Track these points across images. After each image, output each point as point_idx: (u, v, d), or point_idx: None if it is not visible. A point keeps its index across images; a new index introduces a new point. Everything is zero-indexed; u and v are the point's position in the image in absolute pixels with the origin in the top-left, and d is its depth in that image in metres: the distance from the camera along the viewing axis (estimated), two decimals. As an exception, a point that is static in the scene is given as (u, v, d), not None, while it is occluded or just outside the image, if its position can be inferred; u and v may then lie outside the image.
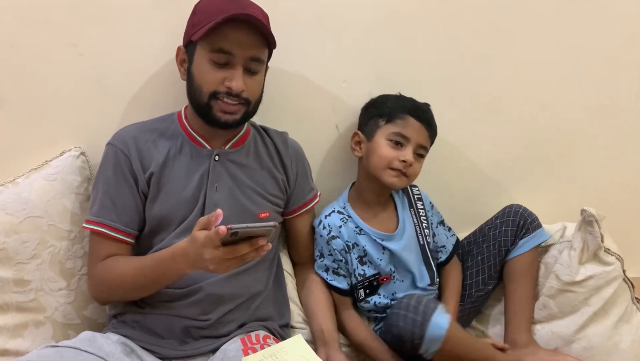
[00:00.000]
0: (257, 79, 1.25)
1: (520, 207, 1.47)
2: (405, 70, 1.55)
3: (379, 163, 1.38)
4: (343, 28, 1.48)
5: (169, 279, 1.17)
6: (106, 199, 1.24)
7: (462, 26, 1.55)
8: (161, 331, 1.23)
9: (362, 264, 1.42)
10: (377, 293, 1.43)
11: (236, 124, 1.25)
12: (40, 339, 1.26)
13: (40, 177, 1.33)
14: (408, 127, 1.38)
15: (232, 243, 0.98)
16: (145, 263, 1.19)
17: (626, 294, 1.42)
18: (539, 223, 1.46)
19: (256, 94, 1.27)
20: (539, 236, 1.45)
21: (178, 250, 1.08)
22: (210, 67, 1.20)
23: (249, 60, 1.21)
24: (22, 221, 1.27)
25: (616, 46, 1.65)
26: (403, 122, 1.38)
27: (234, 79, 1.19)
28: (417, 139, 1.38)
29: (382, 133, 1.39)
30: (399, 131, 1.38)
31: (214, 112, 1.22)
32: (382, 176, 1.39)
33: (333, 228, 1.42)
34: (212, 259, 0.99)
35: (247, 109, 1.25)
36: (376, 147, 1.39)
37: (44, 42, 1.33)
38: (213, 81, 1.20)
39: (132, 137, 1.27)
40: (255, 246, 0.98)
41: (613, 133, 1.72)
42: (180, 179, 1.26)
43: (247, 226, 0.95)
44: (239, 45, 1.19)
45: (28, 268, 1.26)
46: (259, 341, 1.19)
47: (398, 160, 1.37)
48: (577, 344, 1.38)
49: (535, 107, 1.66)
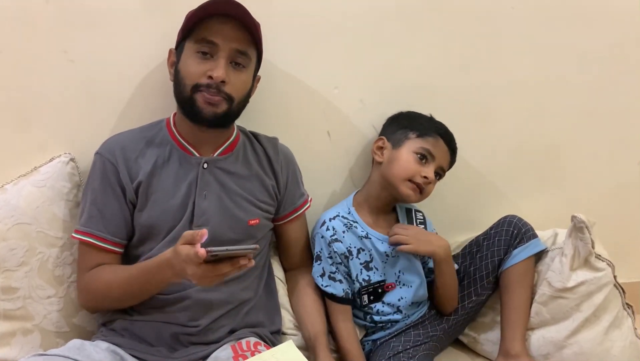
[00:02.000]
0: (242, 77, 1.25)
1: (515, 217, 1.47)
2: (396, 77, 1.55)
3: (401, 173, 1.39)
4: (335, 34, 1.49)
5: (155, 288, 1.18)
6: (93, 209, 1.24)
7: (453, 34, 1.56)
8: (150, 339, 1.22)
9: (368, 270, 1.42)
10: (382, 300, 1.43)
11: (219, 119, 1.23)
12: (28, 347, 1.24)
13: (29, 183, 1.31)
14: (437, 147, 1.41)
15: (214, 261, 0.99)
16: (132, 272, 1.19)
17: (617, 300, 1.42)
18: (534, 233, 1.46)
19: (240, 93, 1.25)
20: (534, 246, 1.44)
21: (163, 261, 1.08)
22: (195, 60, 1.21)
23: (234, 52, 1.22)
24: (11, 228, 1.26)
25: (605, 54, 1.67)
26: (434, 141, 1.41)
27: (215, 68, 1.19)
28: (441, 160, 1.42)
29: (410, 145, 1.41)
30: (429, 148, 1.40)
31: (198, 104, 1.21)
32: (399, 186, 1.40)
33: (338, 231, 1.41)
34: (193, 275, 1.00)
35: (230, 106, 1.23)
36: (401, 157, 1.41)
37: (34, 47, 1.32)
38: (196, 72, 1.21)
39: (120, 147, 1.26)
40: (236, 265, 0.99)
41: (602, 140, 1.74)
42: (169, 188, 1.26)
43: (226, 250, 0.97)
44: (222, 36, 1.20)
45: (16, 276, 1.25)
46: (249, 348, 1.19)
47: (420, 175, 1.38)
48: (569, 349, 1.38)
49: (524, 115, 1.67)
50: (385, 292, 1.44)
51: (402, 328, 1.45)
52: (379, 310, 1.44)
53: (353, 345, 1.39)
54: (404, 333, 1.44)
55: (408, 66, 1.56)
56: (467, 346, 1.57)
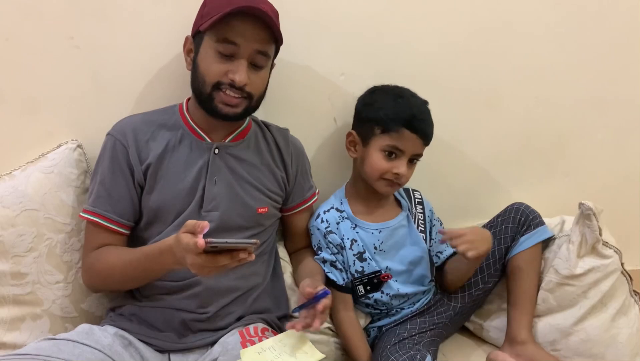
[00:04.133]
0: (261, 75, 1.25)
1: (522, 204, 1.46)
2: (403, 63, 1.54)
3: (373, 173, 1.38)
4: (341, 21, 1.48)
5: (157, 273, 1.18)
6: (102, 189, 1.25)
7: (460, 21, 1.55)
8: (159, 324, 1.23)
9: (362, 261, 1.42)
10: (381, 290, 1.43)
11: (237, 117, 1.25)
12: (37, 332, 1.26)
13: (37, 170, 1.32)
14: (403, 140, 1.35)
15: (214, 252, 0.99)
16: (135, 255, 1.18)
17: (624, 287, 1.42)
18: (541, 220, 1.45)
19: (259, 90, 1.26)
20: (541, 233, 1.44)
21: (165, 247, 1.08)
22: (216, 58, 1.20)
23: (255, 53, 1.20)
24: (19, 214, 1.26)
25: (613, 40, 1.65)
26: (398, 135, 1.35)
27: (237, 72, 1.19)
28: (411, 150, 1.37)
29: (376, 143, 1.37)
30: (394, 144, 1.36)
31: (215, 103, 1.22)
32: (374, 184, 1.40)
33: (331, 223, 1.42)
34: (192, 265, 1.00)
35: (249, 103, 1.24)
36: (370, 157, 1.38)
37: (40, 34, 1.32)
38: (217, 71, 1.20)
39: (131, 129, 1.27)
40: (235, 258, 0.99)
41: (610, 127, 1.73)
42: (179, 171, 1.26)
43: (226, 242, 0.97)
44: (245, 38, 1.18)
45: (25, 261, 1.26)
46: (257, 334, 1.20)
47: (391, 172, 1.37)
48: (575, 336, 1.38)
49: (532, 102, 1.66)
50: (382, 282, 1.43)
51: (408, 315, 1.45)
52: (377, 299, 1.44)
53: (355, 333, 1.40)
54: (409, 320, 1.45)
55: (415, 52, 1.55)
56: (473, 332, 1.57)
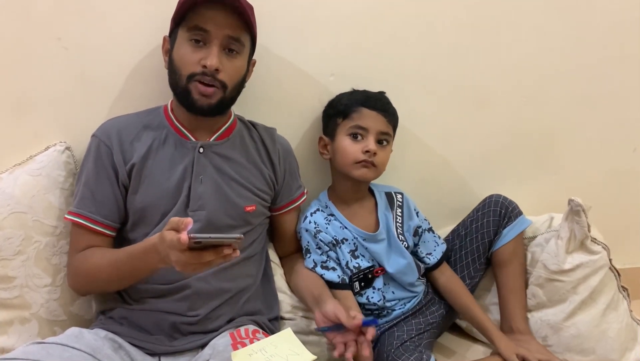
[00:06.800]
0: (236, 64, 1.24)
1: (500, 196, 1.49)
2: (391, 64, 1.55)
3: (345, 160, 1.40)
4: (331, 21, 1.48)
5: (143, 273, 1.17)
6: (86, 191, 1.24)
7: (448, 20, 1.56)
8: (149, 327, 1.22)
9: (355, 258, 1.42)
10: (372, 286, 1.43)
11: (212, 109, 1.24)
12: (25, 336, 1.24)
13: (24, 172, 1.30)
14: (364, 118, 1.39)
15: (199, 248, 0.98)
16: (119, 256, 1.17)
17: (612, 283, 1.44)
18: (519, 210, 1.49)
19: (234, 79, 1.25)
20: (521, 223, 1.48)
21: (149, 246, 1.07)
22: (189, 49, 1.20)
23: (227, 39, 1.21)
24: (7, 217, 1.25)
25: (601, 38, 1.67)
26: (358, 115, 1.39)
27: (209, 57, 1.19)
28: (375, 127, 1.39)
29: (341, 130, 1.41)
30: (356, 124, 1.39)
31: (192, 95, 1.21)
32: (351, 172, 1.40)
33: (319, 224, 1.42)
34: (177, 262, 0.99)
35: (224, 94, 1.23)
36: (339, 145, 1.41)
37: (27, 35, 1.31)
38: (190, 62, 1.20)
39: (116, 130, 1.26)
40: (220, 254, 0.98)
41: (597, 124, 1.75)
42: (163, 170, 1.25)
43: (209, 237, 0.96)
44: (215, 23, 1.19)
45: (13, 265, 1.24)
46: (248, 336, 1.19)
47: (362, 152, 1.38)
48: (566, 332, 1.40)
49: (520, 100, 1.68)
50: (375, 277, 1.43)
51: (401, 317, 1.45)
52: (369, 297, 1.43)
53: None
54: (404, 321, 1.44)
55: (404, 52, 1.55)
56: (464, 331, 1.57)
